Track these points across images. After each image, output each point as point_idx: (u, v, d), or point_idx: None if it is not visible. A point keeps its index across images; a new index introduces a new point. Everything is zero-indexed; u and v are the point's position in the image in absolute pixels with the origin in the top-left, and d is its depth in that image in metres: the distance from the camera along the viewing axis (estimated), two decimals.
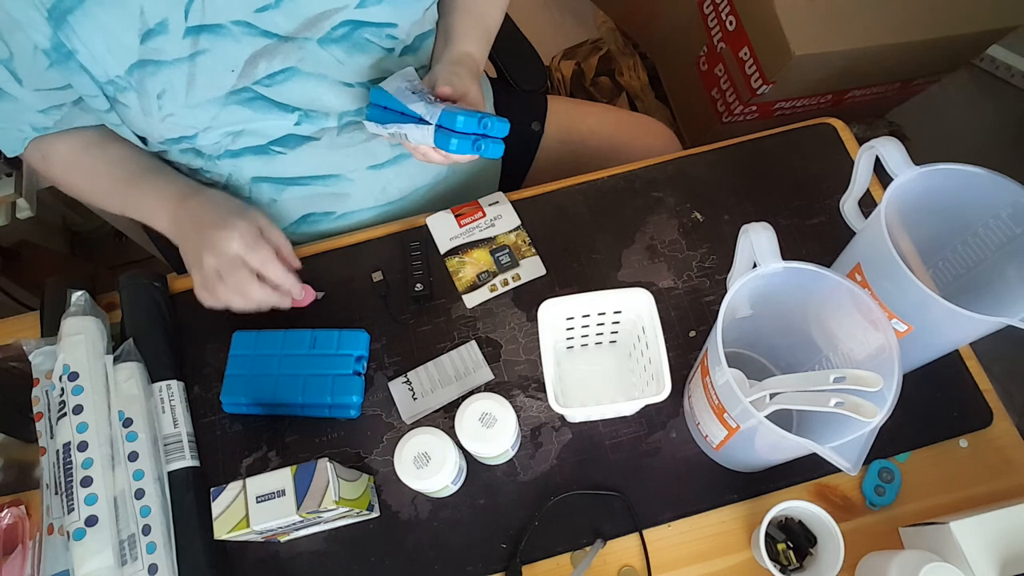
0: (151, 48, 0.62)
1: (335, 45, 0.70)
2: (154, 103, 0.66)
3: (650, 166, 0.87)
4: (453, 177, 0.91)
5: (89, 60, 0.62)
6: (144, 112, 0.66)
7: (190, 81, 0.65)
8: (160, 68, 0.64)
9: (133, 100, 0.65)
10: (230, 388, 0.75)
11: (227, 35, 0.64)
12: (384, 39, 0.72)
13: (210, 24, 0.63)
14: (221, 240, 0.65)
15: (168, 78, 0.64)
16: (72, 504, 0.64)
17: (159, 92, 0.65)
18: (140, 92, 0.65)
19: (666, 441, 0.73)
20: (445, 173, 0.90)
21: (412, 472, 0.63)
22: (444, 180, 0.90)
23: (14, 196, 1.04)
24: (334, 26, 0.68)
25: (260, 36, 0.66)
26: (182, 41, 0.63)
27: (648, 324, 0.66)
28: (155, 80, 0.64)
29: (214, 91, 0.67)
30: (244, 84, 0.68)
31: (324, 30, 0.68)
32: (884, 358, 0.56)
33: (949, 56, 1.32)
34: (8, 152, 0.73)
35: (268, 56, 0.67)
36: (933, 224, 0.66)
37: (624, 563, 0.69)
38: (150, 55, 0.63)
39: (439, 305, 0.81)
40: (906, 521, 0.69)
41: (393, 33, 0.72)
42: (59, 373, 0.69)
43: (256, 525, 0.59)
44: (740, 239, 0.63)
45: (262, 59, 0.67)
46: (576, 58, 1.65)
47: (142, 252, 1.50)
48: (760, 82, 1.23)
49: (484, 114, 0.64)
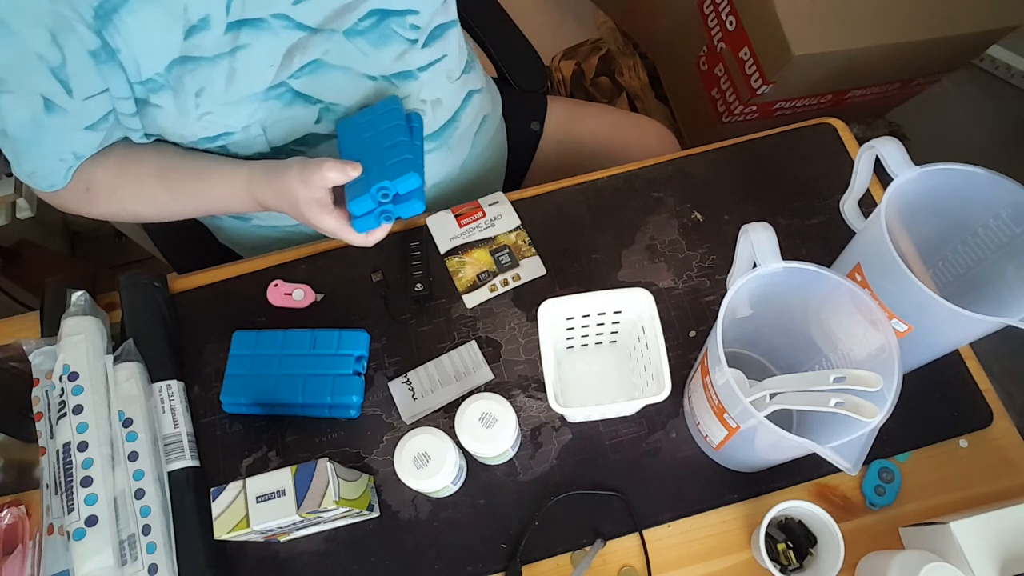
0: (193, 44, 0.62)
1: (361, 37, 0.69)
2: (192, 101, 0.65)
3: (650, 166, 0.87)
4: (462, 176, 0.91)
5: (129, 59, 0.61)
6: (180, 111, 0.65)
7: (230, 77, 0.64)
8: (200, 65, 0.63)
9: (168, 100, 0.64)
10: (230, 388, 0.75)
11: (267, 29, 0.64)
12: (408, 29, 0.72)
13: (251, 18, 0.63)
14: (310, 216, 0.66)
15: (208, 75, 0.64)
16: (72, 504, 0.64)
17: (198, 89, 0.64)
18: (177, 90, 0.64)
19: (666, 441, 0.73)
20: (454, 172, 0.90)
21: (412, 472, 0.63)
22: (453, 180, 0.91)
23: (14, 196, 1.05)
24: (360, 17, 0.68)
25: (296, 29, 0.66)
26: (223, 36, 0.62)
27: (648, 324, 0.66)
28: (194, 77, 0.63)
29: (253, 87, 0.66)
30: (281, 79, 0.67)
31: (351, 21, 0.68)
32: (884, 358, 0.56)
33: (949, 56, 1.32)
34: (47, 187, 0.69)
35: (302, 50, 0.67)
36: (933, 224, 0.66)
37: (624, 563, 0.69)
38: (191, 51, 0.62)
39: (439, 305, 0.81)
40: (906, 521, 0.69)
41: (415, 22, 0.72)
42: (59, 373, 0.69)
43: (256, 525, 0.59)
44: (740, 239, 0.63)
45: (297, 52, 0.67)
46: (576, 58, 1.65)
47: (142, 252, 1.49)
48: (760, 82, 1.23)
49: (381, 183, 0.64)
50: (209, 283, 0.84)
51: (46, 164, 0.67)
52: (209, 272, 0.84)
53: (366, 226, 0.66)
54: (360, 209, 0.65)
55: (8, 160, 0.67)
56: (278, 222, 0.86)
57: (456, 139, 0.86)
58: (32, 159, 0.67)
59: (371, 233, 0.68)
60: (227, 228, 0.90)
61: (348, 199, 0.65)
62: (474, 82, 0.87)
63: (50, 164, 0.67)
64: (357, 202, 0.64)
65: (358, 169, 0.64)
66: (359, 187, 0.64)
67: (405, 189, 0.65)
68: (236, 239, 0.92)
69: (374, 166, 0.65)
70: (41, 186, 0.69)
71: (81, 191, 0.70)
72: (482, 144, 0.92)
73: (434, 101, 0.79)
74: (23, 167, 0.67)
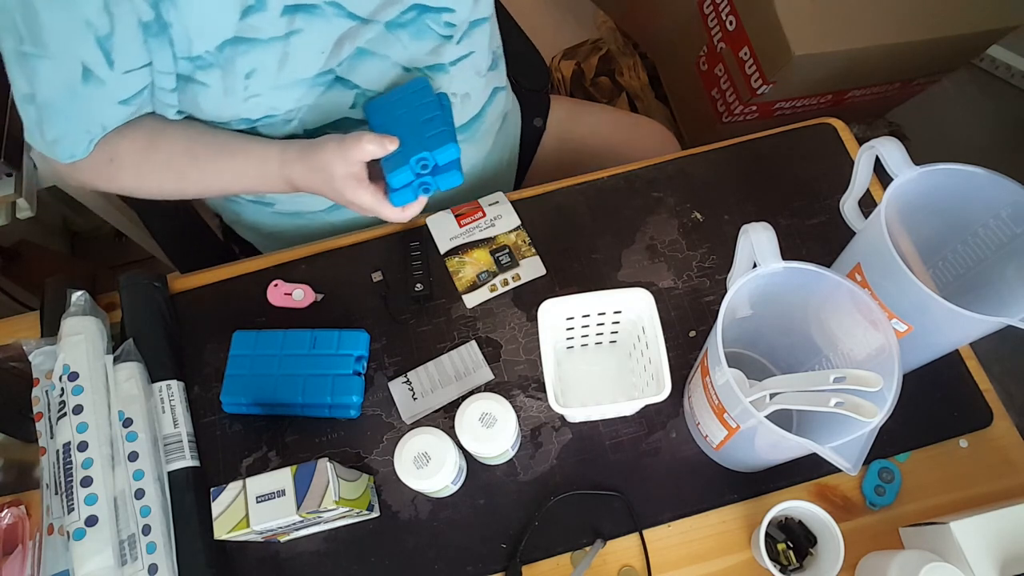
0: (248, 25, 0.61)
1: (402, 29, 0.70)
2: (240, 82, 0.64)
3: (650, 166, 0.87)
4: (483, 171, 0.92)
5: (181, 35, 0.60)
6: (226, 91, 0.65)
7: (282, 61, 0.64)
8: (253, 46, 0.63)
9: (215, 78, 0.64)
10: (230, 388, 0.75)
11: (320, 15, 0.64)
12: (442, 26, 0.73)
13: (306, 4, 0.63)
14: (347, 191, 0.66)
15: (260, 57, 0.63)
16: (72, 504, 0.64)
17: (248, 71, 0.64)
18: (227, 70, 0.63)
19: (666, 441, 0.73)
20: (477, 167, 0.90)
21: (412, 472, 0.63)
22: (476, 175, 0.91)
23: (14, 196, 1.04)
24: (403, 10, 0.69)
25: (347, 18, 0.66)
26: (279, 19, 0.62)
27: (648, 324, 0.66)
28: (246, 59, 0.63)
29: (304, 72, 0.66)
30: (329, 67, 0.68)
31: (394, 13, 0.69)
32: (884, 358, 0.56)
33: (949, 56, 1.32)
34: (66, 158, 0.66)
35: (351, 39, 0.67)
36: (933, 224, 0.66)
37: (624, 563, 0.69)
38: (246, 32, 0.62)
39: (439, 305, 0.81)
40: (906, 521, 0.69)
41: (450, 19, 0.73)
42: (59, 373, 0.69)
43: (256, 525, 0.59)
44: (740, 239, 0.63)
45: (346, 41, 0.67)
46: (576, 58, 1.65)
47: (142, 252, 1.50)
48: (760, 82, 1.23)
49: (421, 154, 0.65)
50: (209, 283, 0.84)
51: (71, 133, 0.65)
52: (209, 272, 0.84)
53: (404, 199, 0.67)
54: (399, 181, 0.65)
55: (27, 127, 0.65)
56: (300, 208, 0.86)
57: (481, 134, 0.87)
58: (57, 127, 0.65)
59: (408, 207, 0.68)
60: (247, 215, 0.90)
61: (386, 172, 0.66)
62: (499, 80, 0.88)
63: (75, 134, 0.65)
64: (396, 174, 0.65)
65: (395, 143, 0.65)
66: (397, 160, 0.65)
67: (445, 159, 0.66)
68: (256, 226, 0.92)
69: (411, 139, 0.66)
70: (61, 156, 0.67)
71: (104, 163, 0.69)
72: (502, 140, 0.93)
73: (463, 95, 0.80)
74: (46, 135, 0.65)
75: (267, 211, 0.87)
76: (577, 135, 1.05)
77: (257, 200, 0.85)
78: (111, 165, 0.69)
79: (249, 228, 0.94)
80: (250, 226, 0.93)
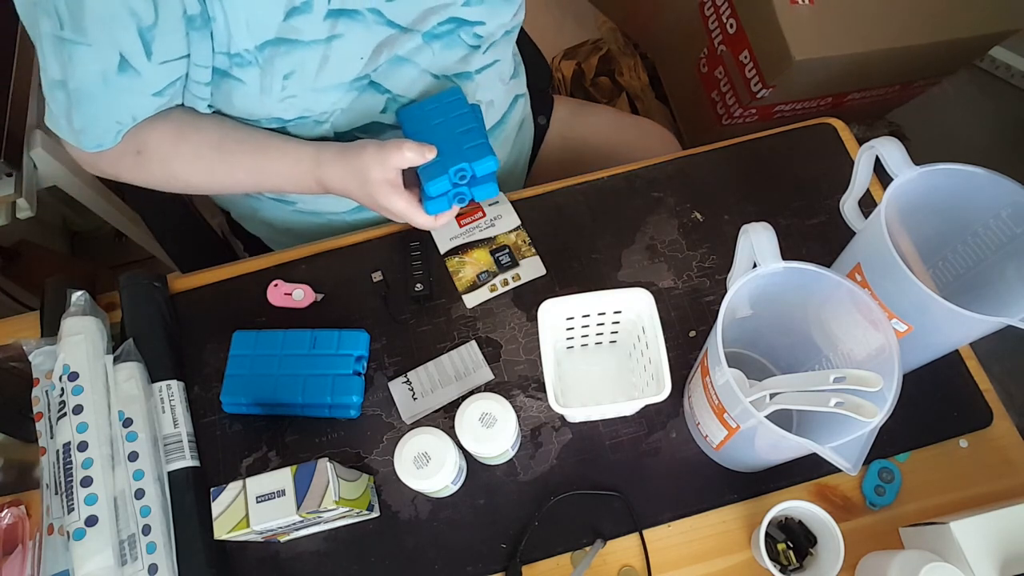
0: (291, 26, 0.62)
1: (436, 40, 0.71)
2: (278, 82, 0.65)
3: (650, 166, 0.87)
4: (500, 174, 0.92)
5: (222, 30, 0.60)
6: (263, 90, 0.65)
7: (322, 64, 0.65)
8: (295, 48, 0.63)
9: (253, 76, 0.64)
10: (230, 388, 0.75)
11: (361, 21, 0.65)
12: (472, 37, 0.74)
13: (349, 9, 0.64)
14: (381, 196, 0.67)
15: (301, 59, 0.64)
16: (72, 504, 0.64)
17: (288, 72, 0.64)
18: (265, 69, 0.63)
19: (666, 441, 0.73)
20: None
21: (412, 472, 0.63)
22: None
23: (14, 196, 1.04)
24: (440, 21, 0.70)
25: (386, 26, 0.67)
26: (322, 23, 0.63)
27: (648, 324, 0.66)
28: (287, 60, 0.63)
29: (342, 76, 0.67)
30: (366, 72, 0.68)
31: (431, 24, 0.69)
32: (884, 358, 0.56)
33: (949, 59, 1.32)
34: (91, 147, 0.66)
35: (389, 47, 0.68)
36: (933, 224, 0.66)
37: (624, 563, 0.69)
38: (289, 33, 0.62)
39: (439, 305, 0.81)
40: (906, 521, 0.69)
41: (480, 32, 0.74)
42: (59, 373, 0.69)
43: (256, 525, 0.59)
44: (740, 239, 0.63)
45: (385, 49, 0.68)
46: (577, 58, 1.65)
47: (142, 252, 1.49)
48: (760, 86, 1.23)
49: (460, 165, 0.66)
50: (209, 283, 0.84)
51: (100, 123, 0.65)
52: (209, 272, 0.84)
53: (439, 208, 0.68)
54: (436, 190, 0.67)
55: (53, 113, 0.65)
56: (321, 208, 0.86)
57: (503, 140, 0.88)
58: (87, 115, 0.64)
59: (441, 216, 0.69)
60: (263, 211, 0.89)
61: (424, 180, 0.67)
62: (520, 87, 0.89)
63: (105, 123, 0.65)
64: (435, 183, 0.66)
65: (434, 152, 0.66)
66: (434, 169, 0.66)
67: (483, 171, 0.67)
68: (272, 222, 0.91)
69: (449, 149, 0.67)
70: (87, 145, 0.66)
71: (131, 154, 0.68)
72: (519, 145, 0.95)
73: (487, 103, 0.81)
74: (74, 123, 0.64)
75: (287, 209, 0.87)
76: (579, 135, 1.05)
77: (279, 198, 0.85)
78: (139, 157, 0.68)
79: (262, 223, 0.93)
80: (264, 221, 0.93)
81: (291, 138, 0.72)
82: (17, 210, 1.08)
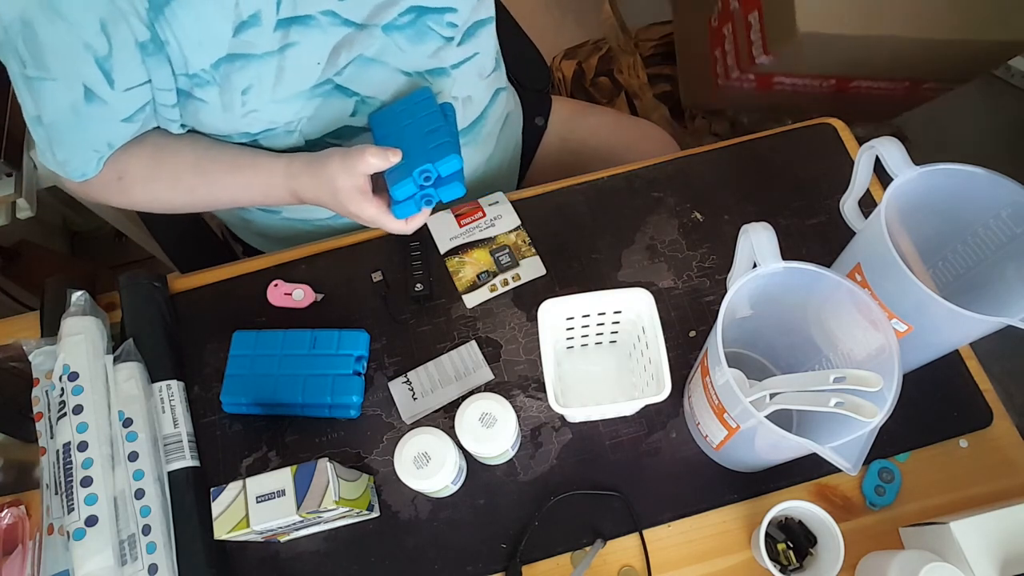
0: (243, 41, 0.62)
1: (398, 32, 0.70)
2: (238, 98, 0.65)
3: (650, 166, 0.87)
4: (487, 171, 0.92)
5: (176, 53, 0.61)
6: (224, 107, 0.65)
7: (278, 75, 0.65)
8: (249, 62, 0.63)
9: (213, 95, 0.64)
10: (230, 388, 0.75)
11: (316, 26, 0.64)
12: (444, 27, 0.73)
13: (301, 15, 0.63)
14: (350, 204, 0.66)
15: (256, 72, 0.64)
16: (72, 504, 0.64)
17: (245, 87, 0.64)
18: (224, 87, 0.64)
19: (666, 441, 0.73)
20: (480, 168, 0.90)
21: (412, 472, 0.63)
22: (479, 176, 0.91)
23: (14, 196, 1.04)
24: (400, 12, 0.69)
25: (342, 25, 0.66)
26: (273, 34, 0.62)
27: (648, 324, 0.66)
28: (242, 75, 0.63)
29: (301, 85, 0.67)
30: (327, 76, 0.68)
31: (390, 16, 0.69)
32: (884, 358, 0.56)
33: (964, 62, 1.25)
34: (77, 177, 0.68)
35: (347, 46, 0.67)
36: (933, 224, 0.66)
37: (624, 563, 0.69)
38: (241, 48, 0.62)
39: (439, 305, 0.81)
40: (906, 521, 0.69)
41: (453, 20, 0.73)
42: (59, 373, 0.69)
43: (256, 525, 0.59)
44: (740, 239, 0.63)
45: (343, 49, 0.67)
46: (577, 58, 1.65)
47: (142, 252, 1.50)
48: (761, 52, 1.18)
49: (424, 166, 0.65)
50: (209, 283, 0.84)
51: (79, 152, 0.67)
52: (209, 272, 0.84)
53: (407, 211, 0.67)
54: (402, 193, 0.66)
55: (39, 148, 0.67)
56: (308, 215, 0.86)
57: (484, 136, 0.87)
58: (66, 147, 0.66)
59: (411, 219, 0.68)
60: (256, 221, 0.90)
61: (390, 184, 0.66)
62: (500, 80, 0.88)
63: (83, 153, 0.67)
64: (400, 186, 0.65)
65: (399, 155, 0.65)
66: (400, 173, 0.66)
67: (447, 171, 0.66)
68: (266, 232, 0.92)
69: (414, 151, 0.66)
70: (72, 175, 0.68)
71: (113, 180, 0.70)
72: (505, 141, 0.94)
73: (465, 98, 0.80)
74: (56, 155, 0.67)
75: (275, 217, 0.87)
76: (578, 136, 1.05)
77: (265, 208, 0.85)
78: (121, 183, 0.70)
79: (257, 234, 0.94)
80: (259, 232, 0.93)
81: (263, 152, 0.72)
82: (17, 210, 1.09)
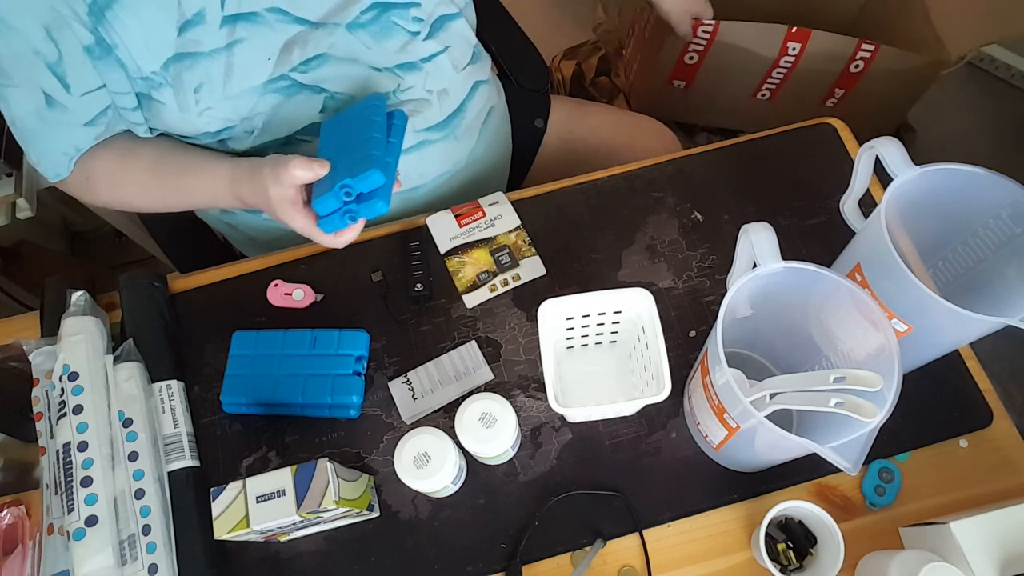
0: (189, 40, 0.62)
1: (363, 30, 0.70)
2: (191, 97, 0.65)
3: (650, 166, 0.87)
4: (469, 167, 0.92)
5: (126, 56, 0.61)
6: (181, 108, 0.66)
7: (227, 72, 0.65)
8: (197, 61, 0.63)
9: (169, 96, 0.65)
10: (230, 388, 0.75)
11: (262, 23, 0.65)
12: (410, 21, 0.72)
13: (246, 12, 0.63)
14: (281, 214, 0.65)
15: (206, 70, 0.64)
16: (72, 504, 0.64)
17: (196, 86, 0.64)
18: (176, 87, 0.64)
19: (666, 441, 0.73)
20: (461, 164, 0.90)
21: (412, 472, 0.63)
22: (460, 171, 0.91)
23: (14, 196, 1.04)
24: (362, 10, 0.69)
25: (293, 23, 0.66)
26: (219, 31, 0.63)
27: (648, 324, 0.66)
28: (192, 74, 0.64)
29: (252, 80, 0.67)
30: (281, 72, 0.68)
31: (352, 15, 0.69)
32: (884, 358, 0.56)
33: None
34: (52, 177, 0.71)
35: (302, 43, 0.67)
36: (933, 224, 0.66)
37: (624, 563, 0.69)
38: (187, 47, 0.62)
39: (439, 305, 0.81)
40: (906, 521, 0.69)
41: (417, 14, 0.72)
42: (59, 373, 0.69)
43: (256, 525, 0.59)
44: (740, 239, 0.63)
45: (296, 46, 0.67)
46: (576, 58, 1.65)
47: (142, 252, 1.50)
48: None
49: (344, 181, 0.61)
50: (209, 283, 0.84)
51: (50, 155, 0.69)
52: (209, 272, 0.84)
53: (332, 226, 0.64)
54: (324, 208, 0.63)
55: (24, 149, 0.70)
56: None
57: (463, 129, 0.86)
58: (37, 150, 0.69)
59: (340, 233, 0.65)
60: (241, 225, 0.90)
61: (313, 198, 0.63)
62: (480, 73, 0.87)
63: (53, 155, 0.69)
64: (320, 200, 0.63)
65: (326, 167, 0.63)
66: (325, 186, 0.63)
67: (367, 188, 0.62)
68: (251, 233, 0.92)
69: (341, 164, 0.63)
70: (48, 175, 0.71)
71: (82, 180, 0.72)
72: (489, 135, 0.93)
73: (440, 92, 0.80)
74: (32, 157, 0.69)
75: (257, 219, 0.87)
76: (578, 135, 1.05)
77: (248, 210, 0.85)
78: (88, 183, 0.72)
79: (246, 236, 0.94)
80: (246, 234, 0.93)
81: (215, 155, 0.72)
82: (17, 210, 1.09)
